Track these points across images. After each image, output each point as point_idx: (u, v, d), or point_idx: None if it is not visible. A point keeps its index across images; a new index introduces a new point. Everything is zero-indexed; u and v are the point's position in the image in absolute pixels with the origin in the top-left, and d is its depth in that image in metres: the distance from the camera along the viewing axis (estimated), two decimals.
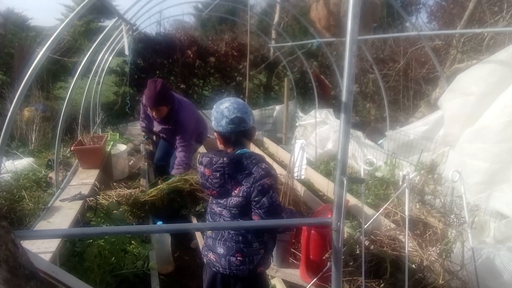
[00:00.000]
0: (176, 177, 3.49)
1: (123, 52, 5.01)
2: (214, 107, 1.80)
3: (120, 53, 6.30)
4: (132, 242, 2.73)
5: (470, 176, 3.02)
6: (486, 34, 5.22)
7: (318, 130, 5.72)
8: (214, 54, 9.66)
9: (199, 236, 3.27)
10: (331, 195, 3.25)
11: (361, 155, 5.20)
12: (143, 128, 4.23)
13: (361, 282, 2.09)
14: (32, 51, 7.20)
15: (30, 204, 3.56)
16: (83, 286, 1.64)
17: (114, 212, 3.04)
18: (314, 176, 4.87)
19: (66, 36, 8.61)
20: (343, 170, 1.32)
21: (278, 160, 5.93)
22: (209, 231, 1.91)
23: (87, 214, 2.93)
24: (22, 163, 4.87)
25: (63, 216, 2.61)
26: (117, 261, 2.52)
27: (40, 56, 2.22)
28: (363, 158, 4.05)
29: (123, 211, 3.18)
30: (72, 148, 3.80)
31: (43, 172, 4.54)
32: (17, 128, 6.04)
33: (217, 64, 9.73)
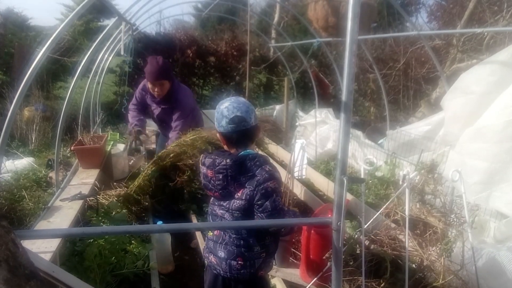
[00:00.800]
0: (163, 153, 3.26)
1: None
2: (216, 108, 1.80)
3: (120, 52, 6.30)
4: (132, 241, 2.73)
5: (470, 176, 3.01)
6: (486, 33, 5.22)
7: (318, 130, 5.71)
8: (214, 53, 9.65)
9: (199, 236, 3.27)
10: (331, 194, 3.24)
11: (361, 154, 5.19)
12: (133, 120, 3.79)
13: (361, 282, 2.09)
14: (32, 51, 7.21)
15: (30, 203, 3.56)
16: (83, 286, 1.64)
17: (114, 212, 3.04)
18: (314, 175, 4.87)
19: (66, 36, 8.60)
20: (343, 169, 1.32)
21: (278, 160, 5.92)
22: (210, 233, 1.89)
23: (87, 213, 2.93)
24: (22, 162, 4.87)
25: (63, 215, 2.61)
26: (117, 260, 2.52)
27: (40, 55, 2.21)
28: (363, 158, 4.06)
29: (122, 210, 3.17)
30: (72, 147, 3.79)
31: (43, 171, 4.54)
32: (17, 128, 6.05)
33: (217, 63, 9.73)
